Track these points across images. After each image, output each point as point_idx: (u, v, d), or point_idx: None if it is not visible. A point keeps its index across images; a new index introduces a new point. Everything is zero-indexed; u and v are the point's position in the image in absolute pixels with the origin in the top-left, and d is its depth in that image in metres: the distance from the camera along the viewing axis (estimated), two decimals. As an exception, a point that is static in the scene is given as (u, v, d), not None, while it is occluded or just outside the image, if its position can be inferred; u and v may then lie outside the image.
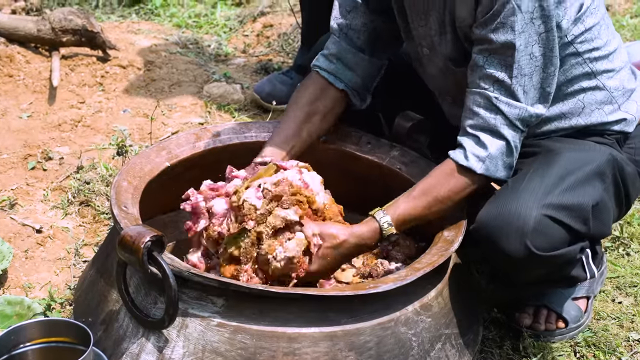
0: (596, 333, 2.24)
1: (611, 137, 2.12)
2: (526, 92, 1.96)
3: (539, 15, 1.90)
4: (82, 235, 2.55)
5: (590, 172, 2.01)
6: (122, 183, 2.09)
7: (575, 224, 1.95)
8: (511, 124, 1.97)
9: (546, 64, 1.96)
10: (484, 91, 1.96)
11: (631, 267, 2.47)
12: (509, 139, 1.97)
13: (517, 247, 1.90)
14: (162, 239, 1.81)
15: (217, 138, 2.34)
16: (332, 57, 2.23)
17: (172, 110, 3.23)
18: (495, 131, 1.97)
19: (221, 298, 1.84)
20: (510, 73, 1.94)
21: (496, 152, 1.97)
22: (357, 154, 2.34)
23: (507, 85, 1.95)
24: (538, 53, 1.94)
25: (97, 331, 1.93)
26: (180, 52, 3.63)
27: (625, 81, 2.15)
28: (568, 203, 1.94)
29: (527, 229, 1.90)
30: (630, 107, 2.14)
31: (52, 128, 3.06)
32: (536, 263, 1.93)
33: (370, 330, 1.85)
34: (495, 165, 1.98)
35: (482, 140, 1.97)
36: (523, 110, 1.96)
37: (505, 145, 1.97)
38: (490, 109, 1.96)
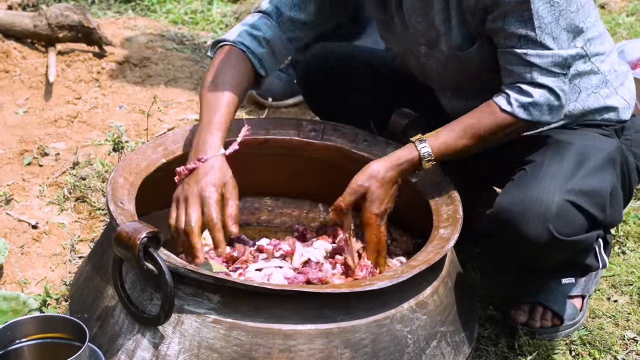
0: (591, 331, 2.24)
1: (609, 128, 2.13)
2: (556, 38, 1.95)
3: None
4: (78, 231, 2.55)
5: (604, 159, 2.03)
6: (118, 179, 2.09)
7: (594, 211, 1.97)
8: (548, 72, 1.96)
9: (569, 3, 1.95)
10: (512, 49, 1.97)
11: (627, 266, 2.48)
12: (551, 85, 1.96)
13: (539, 232, 1.91)
14: (158, 235, 1.81)
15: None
16: (264, 40, 2.15)
17: (168, 107, 3.22)
18: (534, 83, 1.97)
19: (217, 294, 1.83)
20: (532, 26, 1.93)
21: (540, 99, 1.97)
22: (353, 151, 2.34)
23: (532, 39, 1.94)
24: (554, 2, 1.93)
25: (92, 327, 1.93)
26: (177, 48, 3.62)
27: (616, 64, 2.17)
28: (588, 189, 1.96)
29: (549, 214, 1.91)
30: (624, 93, 2.16)
31: (48, 124, 3.05)
32: (557, 248, 1.94)
33: (365, 327, 1.85)
34: (540, 110, 1.98)
35: (524, 89, 1.97)
36: (556, 56, 1.95)
37: (549, 92, 1.97)
38: (523, 65, 1.96)
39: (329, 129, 2.37)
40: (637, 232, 2.60)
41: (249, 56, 2.14)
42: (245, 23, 2.18)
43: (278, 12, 2.17)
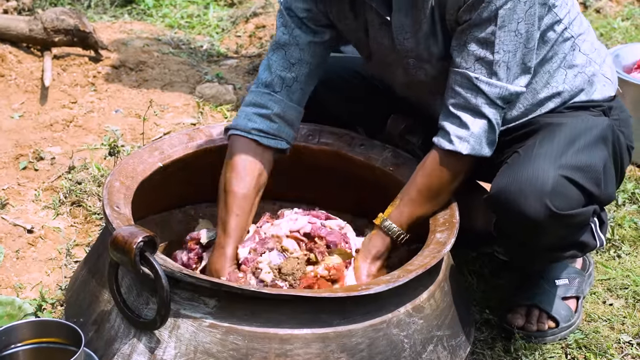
0: (587, 335, 2.24)
1: (597, 109, 2.15)
2: (509, 69, 1.97)
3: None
4: (74, 235, 2.55)
5: (596, 136, 2.05)
6: (114, 183, 2.08)
7: (589, 185, 1.98)
8: (492, 103, 1.98)
9: (528, 39, 1.97)
10: (465, 71, 1.98)
11: (622, 269, 2.48)
12: (491, 117, 1.99)
13: (537, 208, 1.93)
14: (154, 240, 1.81)
15: (209, 138, 2.33)
16: (275, 116, 2.13)
17: (164, 111, 3.22)
18: (476, 111, 1.98)
19: (213, 299, 1.83)
20: (492, 50, 1.95)
21: (479, 131, 1.99)
22: (349, 155, 2.34)
23: (488, 63, 1.96)
24: (523, 30, 1.95)
25: (88, 332, 1.93)
26: (173, 52, 3.62)
27: (595, 43, 2.19)
28: (581, 164, 1.98)
29: (546, 190, 1.93)
30: (606, 70, 2.19)
31: (44, 128, 3.05)
32: (555, 223, 1.95)
33: (362, 331, 1.85)
34: (480, 143, 2.00)
35: (463, 120, 1.99)
36: (504, 89, 1.98)
37: (487, 124, 1.99)
38: (471, 89, 1.98)
39: (325, 133, 2.37)
40: (633, 236, 2.61)
41: (264, 142, 2.13)
42: (250, 103, 2.15)
43: (281, 80, 2.14)
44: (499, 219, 2.05)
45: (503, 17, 1.93)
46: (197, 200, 2.43)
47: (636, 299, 2.38)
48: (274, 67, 2.15)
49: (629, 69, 3.08)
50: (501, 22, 1.93)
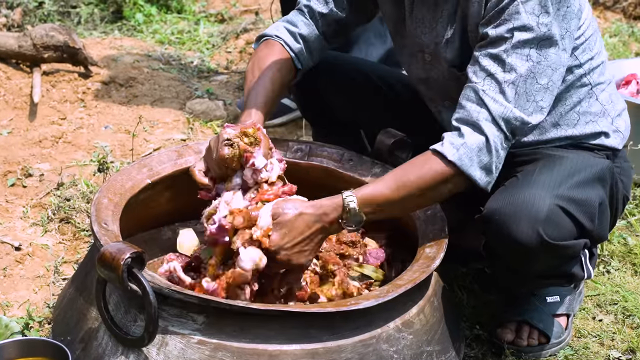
0: (577, 351, 2.24)
1: (601, 152, 2.15)
2: (518, 94, 1.94)
3: (544, 22, 1.91)
4: (62, 252, 2.53)
5: (594, 175, 2.05)
6: (102, 200, 2.08)
7: (583, 219, 1.98)
8: (494, 121, 1.94)
9: (542, 74, 1.94)
10: (474, 85, 1.96)
11: (611, 285, 2.48)
12: (489, 136, 1.93)
13: (529, 235, 1.91)
14: (142, 256, 1.80)
15: (198, 155, 2.33)
16: (300, 37, 2.26)
17: (154, 127, 3.22)
18: (476, 125, 1.94)
19: (202, 315, 1.82)
20: (503, 68, 1.94)
21: (472, 144, 1.93)
22: (339, 171, 2.34)
23: (498, 80, 1.94)
24: (535, 58, 1.93)
25: (75, 350, 1.91)
26: (163, 68, 3.62)
27: (614, 95, 2.19)
28: (578, 198, 1.97)
29: (540, 217, 1.91)
30: (620, 124, 2.18)
31: (33, 144, 3.04)
32: (546, 252, 1.95)
33: (351, 347, 1.84)
34: (470, 158, 1.93)
35: (462, 131, 1.95)
36: (509, 110, 1.94)
37: (485, 142, 1.93)
38: (476, 102, 1.95)
39: (315, 149, 2.37)
40: (622, 252, 2.61)
41: (286, 47, 2.24)
42: (284, 19, 2.29)
43: (310, 9, 2.26)
44: (490, 240, 2.02)
45: (518, 38, 1.92)
46: (185, 218, 2.42)
47: (625, 314, 2.38)
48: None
49: (617, 86, 3.09)
50: (515, 42, 1.92)
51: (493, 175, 1.96)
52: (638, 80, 3.04)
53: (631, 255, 2.60)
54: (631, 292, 2.45)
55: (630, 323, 2.35)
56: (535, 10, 1.91)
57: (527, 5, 1.91)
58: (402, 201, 1.96)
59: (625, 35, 4.12)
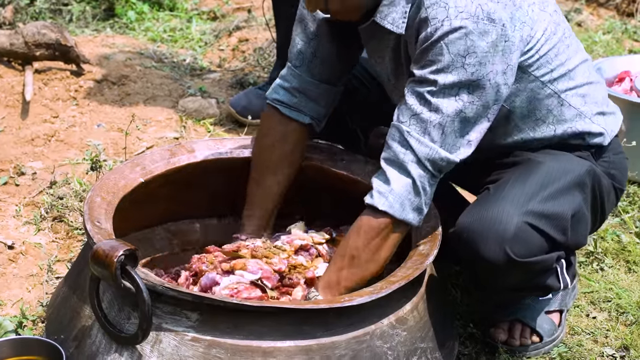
0: (571, 348, 2.24)
1: (586, 150, 2.13)
2: (445, 134, 1.89)
3: (472, 62, 1.85)
4: (55, 251, 2.53)
5: (571, 182, 2.01)
6: (95, 199, 2.07)
7: (554, 233, 1.96)
8: (419, 162, 1.91)
9: (473, 112, 1.89)
10: (400, 125, 1.92)
11: (605, 282, 2.48)
12: (415, 177, 1.91)
13: (496, 253, 1.91)
14: (135, 253, 1.80)
15: (191, 154, 2.32)
16: (294, 90, 2.19)
17: (147, 125, 3.21)
18: (402, 167, 1.91)
19: (195, 312, 1.82)
20: (428, 108, 1.89)
21: (400, 189, 1.91)
22: (332, 170, 2.34)
23: (423, 121, 1.89)
24: (465, 98, 1.88)
25: (69, 348, 1.91)
26: (155, 66, 3.62)
27: (589, 95, 2.11)
28: (548, 212, 1.95)
29: (507, 235, 1.90)
30: (600, 121, 2.14)
31: (25, 143, 3.03)
32: (514, 269, 1.94)
33: (345, 343, 1.84)
34: (401, 203, 1.91)
35: (387, 176, 1.92)
36: (434, 151, 1.90)
37: (412, 184, 1.91)
38: (401, 144, 1.91)
39: (308, 147, 2.37)
40: (615, 249, 2.62)
41: (285, 112, 2.20)
42: (280, 75, 2.24)
43: (299, 57, 2.18)
44: (461, 256, 2.02)
45: (443, 80, 1.86)
46: (178, 217, 2.42)
47: (619, 311, 2.38)
48: (296, 41, 2.18)
49: (610, 83, 3.10)
50: (441, 84, 1.86)
51: (424, 212, 1.96)
52: (631, 77, 3.05)
53: (624, 253, 2.61)
54: (625, 289, 2.45)
55: (624, 320, 2.35)
56: (460, 51, 1.85)
57: (453, 47, 1.84)
58: (362, 269, 1.95)
59: (619, 32, 4.13)
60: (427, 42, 1.87)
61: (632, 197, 2.86)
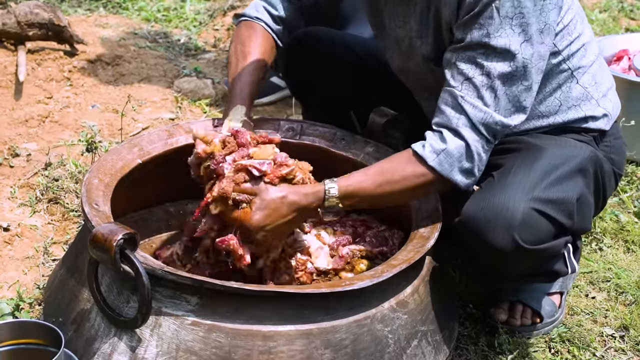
0: (570, 329, 2.24)
1: (588, 134, 2.12)
2: (497, 98, 1.91)
3: (519, 23, 1.87)
4: (51, 233, 2.51)
5: (574, 168, 2.00)
6: (92, 180, 2.05)
7: (561, 218, 1.95)
8: (474, 127, 1.91)
9: (522, 74, 1.91)
10: (452, 89, 1.93)
11: (604, 262, 2.48)
12: (469, 142, 1.91)
13: (504, 240, 1.89)
14: (134, 237, 1.78)
15: (189, 134, 2.30)
16: (279, 19, 2.25)
17: (142, 106, 3.18)
18: (456, 131, 1.92)
19: (195, 296, 1.81)
20: (481, 71, 1.90)
21: (454, 150, 1.91)
22: (331, 151, 2.32)
23: (476, 85, 1.90)
24: (513, 59, 1.89)
25: (67, 331, 1.90)
26: (150, 46, 3.58)
27: (598, 75, 2.14)
28: (554, 197, 1.94)
29: (515, 222, 1.89)
30: (606, 105, 2.14)
31: (19, 124, 3.00)
32: (522, 256, 1.93)
33: (346, 327, 1.83)
34: (451, 164, 1.92)
35: (444, 135, 1.93)
36: (488, 115, 1.91)
37: (465, 147, 1.91)
38: (455, 108, 1.92)
39: (306, 128, 2.35)
40: (614, 229, 2.61)
41: (267, 29, 2.25)
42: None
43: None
44: (467, 245, 2.00)
45: (495, 42, 1.88)
46: (177, 198, 2.40)
47: (618, 291, 2.38)
48: None
49: (608, 62, 3.08)
50: (492, 46, 1.88)
51: (475, 177, 1.95)
52: (629, 56, 3.03)
53: (623, 233, 2.60)
54: (624, 269, 2.45)
55: (623, 300, 2.35)
56: (509, 13, 1.86)
57: (502, 10, 1.86)
58: (382, 197, 1.97)
59: (615, 11, 4.11)
60: (477, 6, 1.88)
61: (630, 177, 2.86)
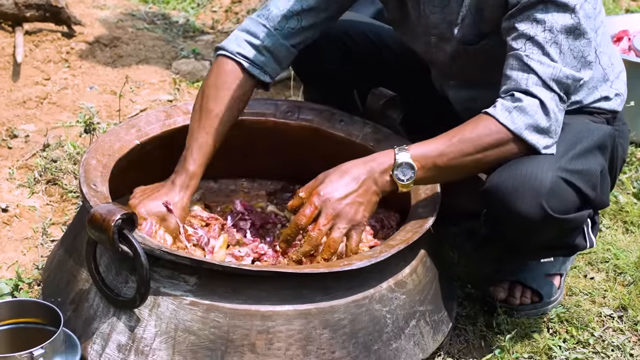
0: (569, 309, 2.25)
1: (601, 116, 2.12)
2: (562, 53, 1.89)
3: None
4: (50, 214, 2.51)
5: (596, 142, 2.01)
6: (90, 161, 2.05)
7: (586, 189, 1.94)
8: (545, 84, 1.88)
9: (583, 27, 1.89)
10: (516, 52, 1.90)
11: (602, 243, 2.48)
12: (543, 99, 1.87)
13: (533, 208, 1.87)
14: (132, 217, 1.78)
15: (187, 115, 2.30)
16: (264, 49, 2.12)
17: (140, 87, 3.17)
18: (527, 91, 1.88)
19: (194, 276, 1.81)
20: (543, 27, 1.88)
21: (527, 107, 1.87)
22: (330, 131, 2.31)
23: (539, 43, 1.88)
24: (574, 13, 1.87)
25: (66, 311, 1.90)
26: (148, 28, 3.57)
27: (613, 56, 2.15)
28: (580, 168, 1.93)
29: (543, 190, 1.87)
30: (619, 86, 2.15)
31: (17, 105, 2.99)
32: (549, 226, 1.91)
33: (344, 307, 1.83)
34: (524, 121, 1.86)
35: (516, 96, 1.89)
36: (557, 69, 1.88)
37: (539, 105, 1.88)
38: (522, 69, 1.89)
39: (305, 109, 2.35)
40: (613, 210, 2.61)
41: (249, 69, 2.12)
42: (244, 29, 2.14)
43: (282, 19, 2.12)
44: (493, 214, 1.98)
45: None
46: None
47: (617, 272, 2.38)
48: (281, 4, 2.12)
49: (608, 43, 3.07)
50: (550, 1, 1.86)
51: (552, 139, 1.92)
52: (629, 37, 3.02)
53: (622, 213, 2.61)
54: (622, 249, 2.45)
55: (622, 280, 2.36)
56: None
57: None
58: (458, 159, 1.90)
59: (615, -8, 4.10)
60: None
61: (629, 158, 2.86)
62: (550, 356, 2.10)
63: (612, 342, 2.15)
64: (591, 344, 2.14)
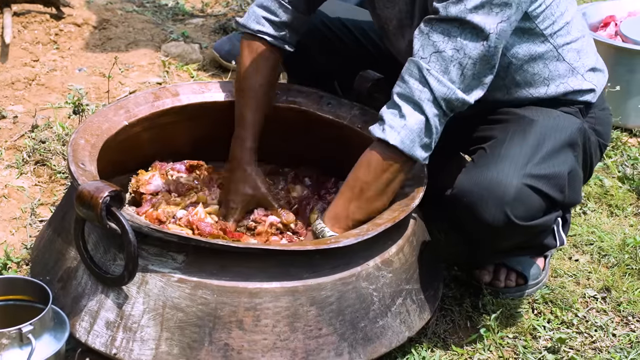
0: (553, 290, 2.27)
1: (574, 106, 2.12)
2: (463, 76, 1.88)
3: (497, 3, 1.84)
4: (38, 194, 2.51)
5: (564, 141, 2.00)
6: (79, 141, 2.05)
7: (553, 193, 1.95)
8: (435, 101, 1.89)
9: (493, 55, 1.88)
10: (419, 61, 1.89)
11: (587, 226, 2.51)
12: (429, 116, 1.89)
13: (497, 216, 1.89)
14: (120, 194, 1.79)
15: (175, 97, 2.30)
16: (283, 25, 2.21)
17: (129, 70, 3.17)
18: (417, 104, 1.89)
19: (181, 254, 1.82)
20: (453, 46, 1.87)
21: (413, 126, 1.88)
22: (317, 114, 2.32)
23: (445, 59, 1.87)
24: (487, 39, 1.86)
25: (55, 289, 1.91)
26: (137, 10, 3.56)
27: (583, 50, 2.11)
28: (547, 172, 1.94)
29: (507, 198, 1.89)
30: (592, 78, 2.13)
31: (5, 86, 2.99)
32: (514, 232, 1.94)
33: (331, 285, 1.85)
34: (412, 140, 1.89)
35: (403, 111, 1.90)
36: (451, 91, 1.88)
37: (425, 122, 1.89)
38: (420, 81, 1.89)
39: (293, 91, 2.36)
40: (598, 193, 2.64)
41: (272, 42, 2.23)
42: (260, 5, 2.22)
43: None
44: (459, 220, 2.00)
45: (471, 18, 1.84)
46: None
47: (601, 254, 2.41)
48: None
49: (595, 27, 3.09)
50: (470, 21, 1.84)
51: (431, 150, 1.95)
52: (616, 22, 3.04)
53: (607, 197, 2.63)
54: (607, 232, 2.48)
55: (606, 262, 2.38)
56: None
57: None
58: (371, 203, 1.96)
59: (603, -21, 4.10)
60: None
61: (615, 142, 2.88)
62: (534, 336, 2.13)
63: (595, 322, 2.17)
64: (575, 324, 2.17)
